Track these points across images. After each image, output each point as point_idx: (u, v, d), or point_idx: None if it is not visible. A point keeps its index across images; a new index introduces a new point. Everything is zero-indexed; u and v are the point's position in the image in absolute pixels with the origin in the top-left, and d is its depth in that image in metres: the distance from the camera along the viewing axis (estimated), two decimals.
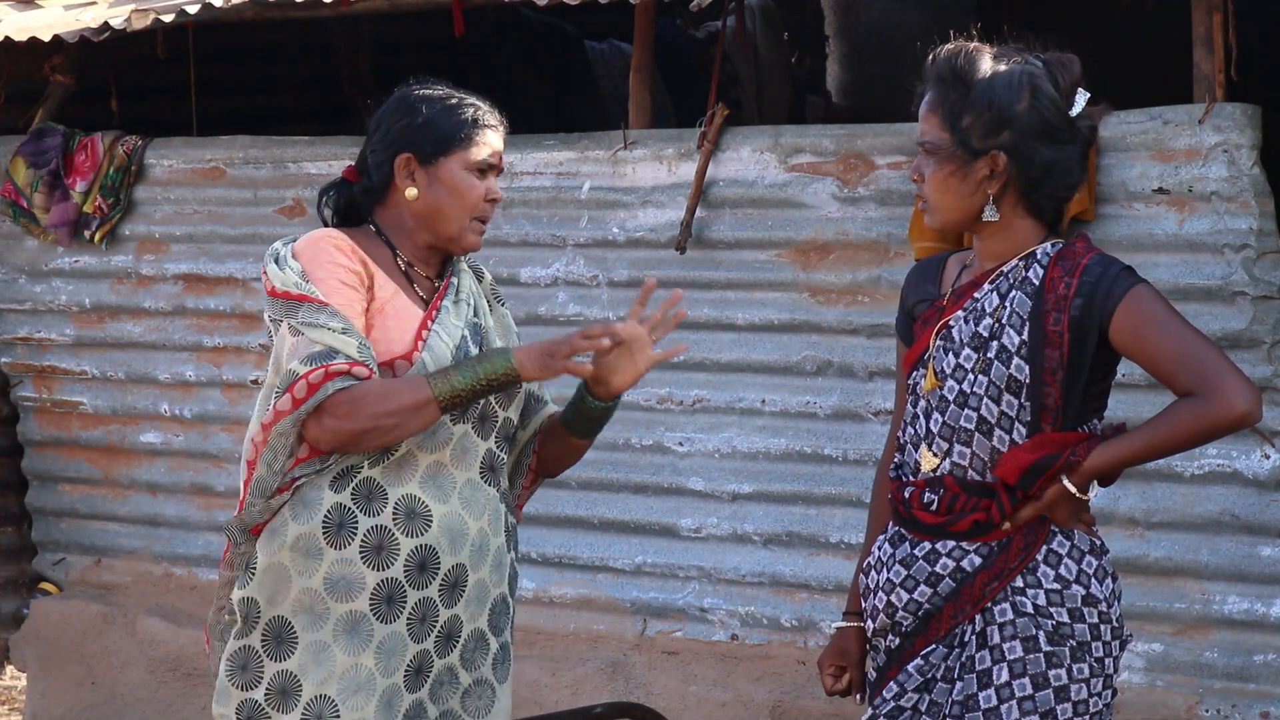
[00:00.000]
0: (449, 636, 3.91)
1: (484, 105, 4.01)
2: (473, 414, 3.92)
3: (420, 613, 3.86)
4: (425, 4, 6.85)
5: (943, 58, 3.68)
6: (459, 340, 3.91)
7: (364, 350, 3.79)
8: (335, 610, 3.82)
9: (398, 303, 3.90)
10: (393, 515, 3.84)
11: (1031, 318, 3.62)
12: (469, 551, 3.90)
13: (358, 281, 3.86)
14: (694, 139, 6.10)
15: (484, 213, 3.96)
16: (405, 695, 3.86)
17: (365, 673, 3.82)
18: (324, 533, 3.82)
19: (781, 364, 6.02)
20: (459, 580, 3.89)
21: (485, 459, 3.95)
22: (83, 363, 7.34)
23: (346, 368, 3.76)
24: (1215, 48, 5.33)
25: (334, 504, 3.83)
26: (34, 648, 7.34)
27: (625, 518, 6.30)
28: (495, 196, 3.97)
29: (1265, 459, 5.30)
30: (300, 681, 3.82)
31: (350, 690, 3.81)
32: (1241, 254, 5.26)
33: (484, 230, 3.98)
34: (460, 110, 3.97)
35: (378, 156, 3.97)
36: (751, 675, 6.04)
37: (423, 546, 3.85)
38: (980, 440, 3.64)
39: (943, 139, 3.66)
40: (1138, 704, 5.42)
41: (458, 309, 3.97)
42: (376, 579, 3.82)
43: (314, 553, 3.83)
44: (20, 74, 7.28)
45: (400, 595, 3.84)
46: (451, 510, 3.88)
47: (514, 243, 6.41)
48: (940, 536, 3.67)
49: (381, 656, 3.83)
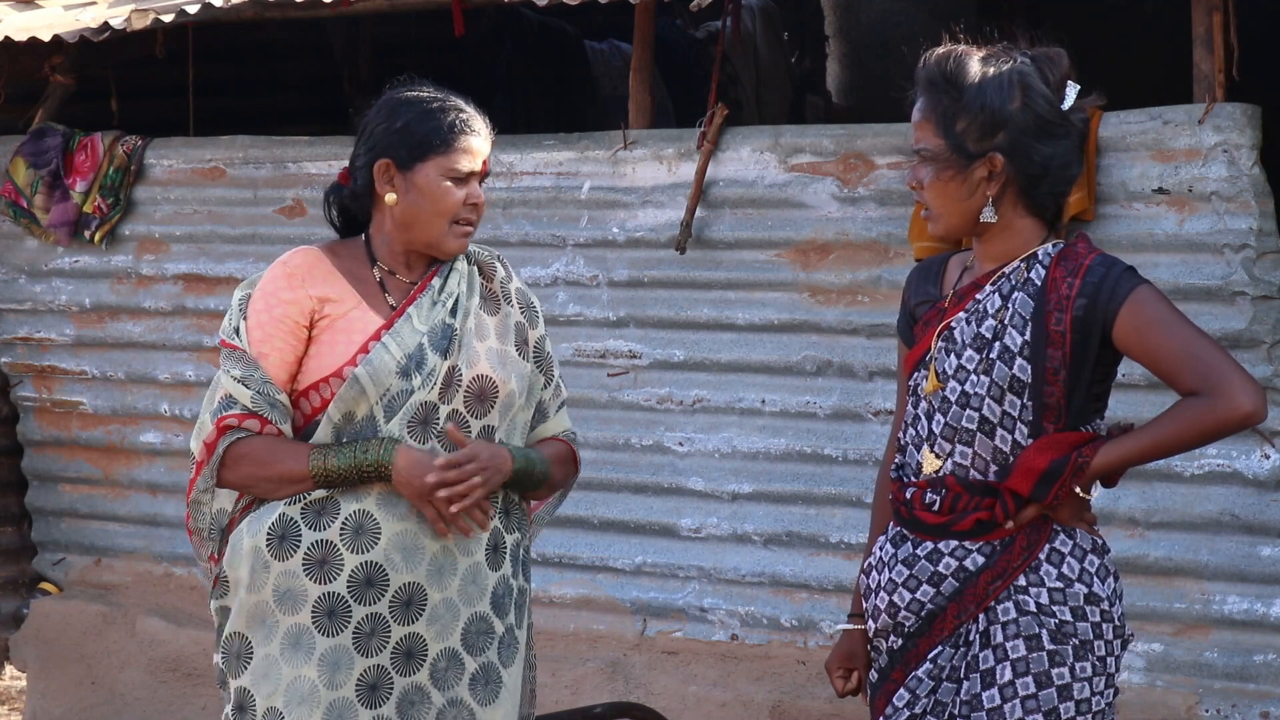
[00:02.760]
0: (410, 655, 3.86)
1: (467, 109, 3.97)
2: (441, 428, 3.88)
3: (369, 627, 3.83)
4: (425, 4, 6.85)
5: (931, 63, 3.68)
6: (414, 347, 3.87)
7: (258, 399, 3.85)
8: (282, 623, 3.83)
9: (354, 316, 3.89)
10: (340, 530, 3.83)
11: (1034, 318, 3.62)
12: (426, 570, 3.86)
13: (294, 313, 3.87)
14: (694, 139, 6.10)
15: (465, 217, 3.93)
16: (361, 710, 3.82)
17: (308, 684, 3.81)
18: (268, 545, 3.84)
19: (781, 364, 6.02)
20: (413, 598, 3.85)
21: None
22: (83, 363, 7.34)
23: (236, 421, 3.85)
24: (1215, 48, 5.33)
25: (279, 516, 3.85)
26: (34, 648, 7.34)
27: (625, 518, 6.30)
28: (476, 201, 3.93)
29: (1265, 459, 5.30)
30: (254, 696, 3.84)
31: (295, 701, 3.81)
32: (1241, 254, 5.26)
33: (468, 233, 3.95)
34: (439, 115, 3.94)
35: (360, 161, 3.97)
36: (751, 675, 6.04)
37: (369, 563, 3.83)
38: (982, 440, 3.64)
39: (938, 145, 3.65)
40: (1138, 704, 5.42)
41: (431, 311, 3.92)
42: (319, 592, 3.82)
43: (261, 566, 3.84)
44: (20, 74, 7.28)
45: (344, 609, 3.82)
46: (406, 528, 3.85)
47: (514, 243, 6.41)
48: (943, 536, 3.67)
49: (325, 669, 3.81)
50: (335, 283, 3.91)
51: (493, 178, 6.43)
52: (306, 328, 3.89)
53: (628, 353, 6.27)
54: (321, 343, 3.89)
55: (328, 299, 3.89)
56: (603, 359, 6.31)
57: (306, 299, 3.88)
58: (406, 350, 3.86)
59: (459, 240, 3.94)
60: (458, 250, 3.95)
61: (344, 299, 3.90)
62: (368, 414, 3.86)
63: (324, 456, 3.82)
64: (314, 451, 3.83)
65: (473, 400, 3.91)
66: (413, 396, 3.86)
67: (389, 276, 3.96)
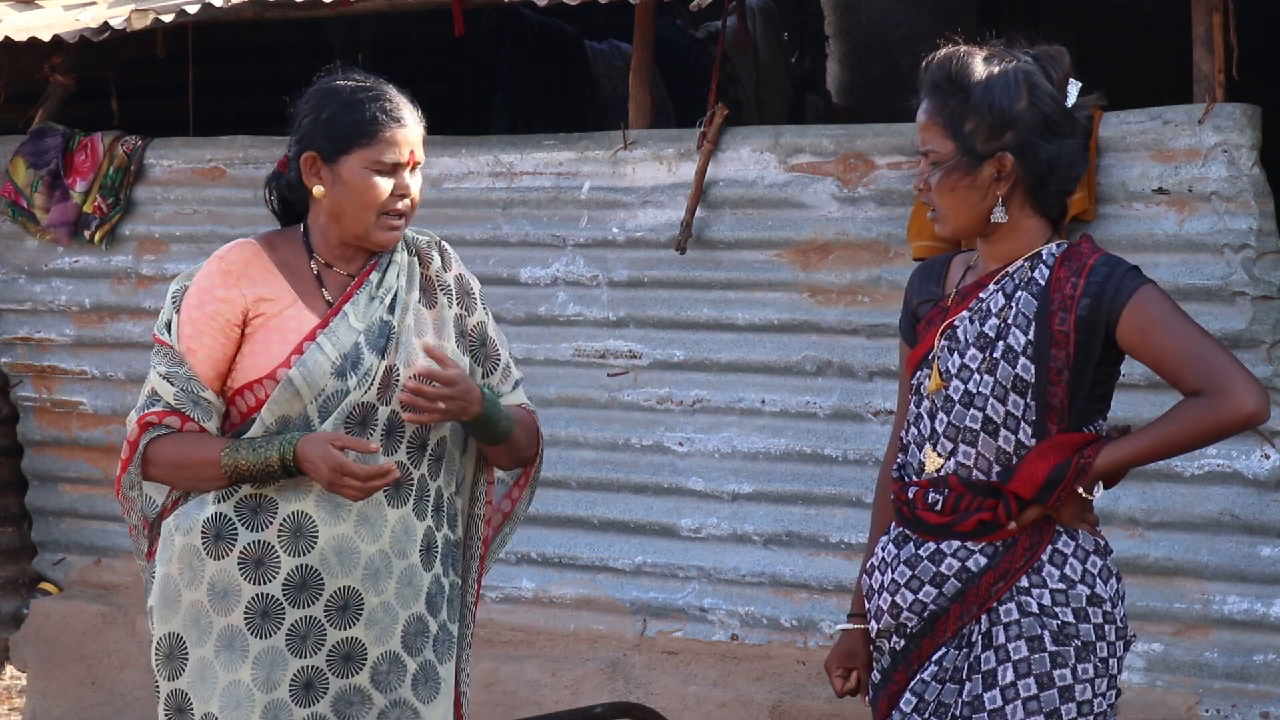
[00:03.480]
0: (348, 658, 3.84)
1: (394, 98, 3.89)
2: (380, 429, 3.84)
3: (303, 630, 3.82)
4: (425, 4, 6.85)
5: (936, 64, 3.67)
6: (350, 347, 3.83)
7: (181, 396, 3.84)
8: (216, 624, 3.81)
9: (289, 314, 3.86)
10: (278, 532, 3.81)
11: (1037, 318, 3.62)
12: (361, 574, 3.84)
13: (227, 311, 3.85)
14: (694, 139, 6.10)
15: (392, 209, 3.86)
16: (295, 709, 3.81)
17: (244, 689, 3.80)
18: (203, 542, 3.81)
19: (781, 364, 6.02)
20: (349, 602, 3.84)
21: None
22: (83, 363, 7.34)
23: (157, 418, 3.84)
24: (1215, 48, 5.33)
25: (213, 514, 3.82)
26: (34, 648, 7.33)
27: (625, 518, 6.30)
28: (404, 193, 3.86)
29: (1265, 459, 5.30)
30: (191, 700, 3.83)
31: (231, 706, 3.80)
32: (1241, 254, 5.26)
33: (397, 226, 3.87)
34: (362, 106, 3.86)
35: (290, 152, 3.93)
36: (751, 675, 6.04)
37: (304, 566, 3.81)
38: (985, 440, 3.64)
39: (946, 147, 3.65)
40: (1138, 704, 5.42)
41: (369, 307, 3.88)
42: (253, 592, 3.80)
43: (196, 564, 3.82)
44: (20, 74, 7.28)
45: (277, 611, 3.81)
46: (343, 532, 3.82)
47: (514, 243, 6.41)
48: (945, 537, 3.67)
49: (259, 670, 3.80)
50: (271, 279, 3.88)
51: (492, 178, 6.44)
52: (239, 326, 3.86)
53: (628, 353, 6.27)
54: (256, 341, 3.86)
55: (263, 297, 3.85)
56: (603, 359, 6.31)
57: (240, 297, 3.85)
58: (342, 350, 3.82)
59: (387, 233, 3.87)
60: (387, 243, 3.89)
61: (280, 296, 3.86)
62: (302, 415, 3.82)
63: (234, 453, 3.79)
64: (226, 448, 3.80)
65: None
66: (348, 397, 3.82)
67: (326, 270, 3.91)
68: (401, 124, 3.87)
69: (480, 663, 6.40)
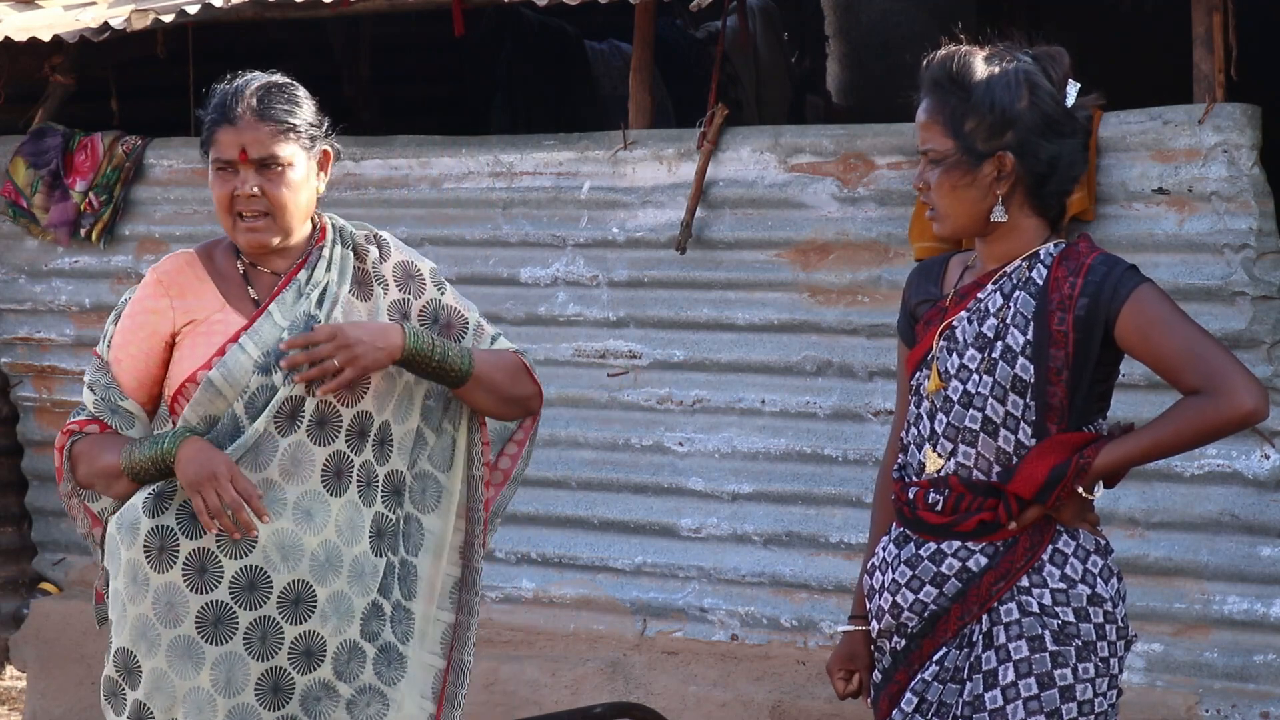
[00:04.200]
0: (308, 653, 3.83)
1: (236, 96, 3.85)
2: (309, 421, 3.83)
3: (259, 631, 3.81)
4: (425, 4, 6.85)
5: (937, 63, 3.67)
6: (274, 343, 3.82)
7: (100, 404, 3.89)
8: (165, 635, 3.81)
9: (216, 319, 3.87)
10: (216, 537, 3.80)
11: (1036, 317, 3.61)
12: (309, 566, 3.82)
13: (154, 322, 3.87)
14: (694, 139, 6.10)
15: (239, 210, 3.84)
16: (263, 713, 3.80)
17: (204, 694, 3.80)
18: (146, 557, 3.81)
19: (781, 364, 6.02)
20: (301, 596, 3.82)
21: (329, 467, 3.85)
22: (83, 363, 7.33)
23: (78, 426, 3.91)
24: (1215, 48, 5.33)
25: (154, 526, 3.82)
26: (34, 648, 7.34)
27: (625, 518, 6.30)
28: (240, 193, 3.82)
29: (1265, 459, 5.31)
30: (152, 711, 3.82)
31: (194, 712, 3.79)
32: (1241, 254, 5.26)
33: (254, 228, 3.84)
34: (212, 108, 3.87)
35: None
36: (751, 675, 6.04)
37: (250, 567, 3.80)
38: (985, 440, 3.64)
39: (947, 146, 3.65)
40: (1138, 704, 5.42)
41: (296, 304, 3.87)
42: (200, 602, 3.79)
43: (140, 579, 3.82)
44: (20, 74, 7.28)
45: (230, 617, 3.80)
46: (282, 527, 3.81)
47: (514, 243, 6.41)
48: (945, 537, 3.67)
49: (219, 675, 3.79)
50: (202, 288, 3.89)
51: (492, 178, 6.44)
52: (168, 336, 3.88)
53: (628, 353, 6.27)
54: (183, 348, 3.87)
55: (192, 308, 3.87)
56: (603, 359, 6.31)
57: (169, 309, 3.88)
58: (265, 347, 3.82)
59: (244, 235, 3.86)
60: (247, 246, 3.87)
61: (208, 303, 3.88)
62: (229, 414, 3.82)
63: (130, 451, 3.83)
64: (125, 447, 3.84)
65: (345, 390, 3.84)
66: (277, 394, 3.81)
67: (253, 270, 3.91)
68: (230, 122, 3.83)
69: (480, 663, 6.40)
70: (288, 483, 3.82)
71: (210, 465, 3.74)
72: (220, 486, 3.72)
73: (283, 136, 3.84)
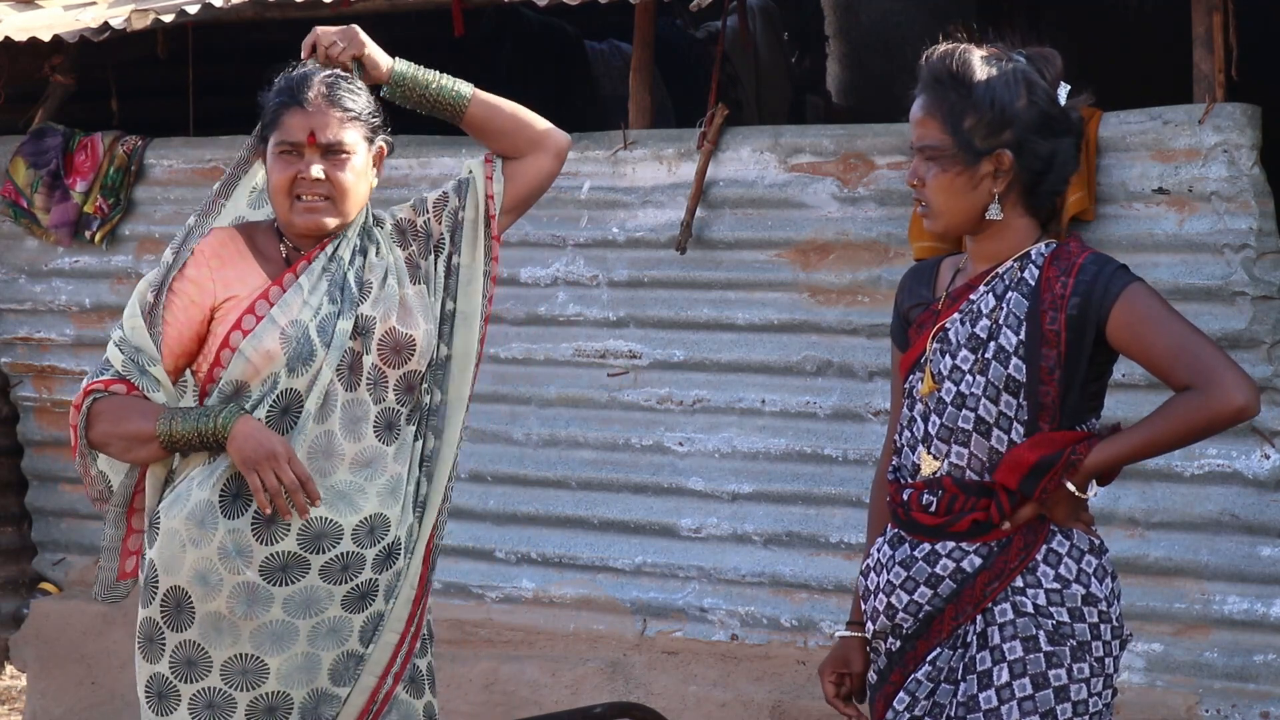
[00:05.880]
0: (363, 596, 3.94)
1: (306, 83, 3.94)
2: (363, 376, 3.91)
3: (340, 565, 3.90)
4: (425, 4, 6.85)
5: (936, 60, 3.67)
6: (315, 316, 3.88)
7: (129, 365, 3.88)
8: (228, 581, 3.86)
9: (256, 296, 3.91)
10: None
11: (1028, 318, 3.62)
12: (377, 501, 3.91)
13: (193, 291, 3.90)
14: (694, 139, 6.10)
15: (300, 192, 3.91)
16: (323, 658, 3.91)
17: (281, 625, 3.87)
18: (220, 501, 3.86)
19: (781, 364, 6.02)
20: (374, 526, 3.92)
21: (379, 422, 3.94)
22: (83, 363, 7.33)
23: (103, 386, 3.89)
24: (1215, 48, 5.34)
25: (235, 473, 3.86)
26: (34, 648, 7.34)
27: (625, 518, 6.30)
28: (305, 176, 3.89)
29: (1265, 459, 5.31)
30: (207, 651, 3.88)
31: (270, 641, 3.87)
32: (1241, 254, 5.27)
33: (314, 209, 3.91)
34: (278, 92, 3.95)
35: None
36: (751, 675, 6.05)
37: (321, 519, 3.87)
38: (979, 441, 3.64)
39: (945, 142, 3.65)
40: (1138, 704, 5.42)
41: (322, 280, 3.93)
42: (265, 552, 3.86)
43: (210, 522, 3.86)
44: (20, 74, 7.28)
45: (300, 564, 3.88)
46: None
47: (514, 243, 6.41)
48: (939, 537, 3.67)
49: (291, 610, 3.87)
50: (243, 263, 3.94)
51: None
52: (207, 309, 3.91)
53: (628, 353, 6.27)
54: (224, 323, 3.91)
55: (231, 282, 3.92)
56: (603, 359, 6.31)
57: (209, 280, 3.91)
58: (302, 316, 3.88)
59: (303, 217, 3.92)
60: (302, 227, 3.93)
61: (248, 278, 3.92)
62: (272, 377, 3.88)
63: (170, 420, 3.84)
64: (163, 415, 3.85)
65: (388, 352, 3.93)
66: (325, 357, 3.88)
67: (294, 253, 3.97)
68: (300, 106, 3.91)
69: (480, 663, 6.41)
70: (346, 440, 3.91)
71: (270, 445, 3.79)
72: (279, 467, 3.78)
73: (350, 124, 3.94)
